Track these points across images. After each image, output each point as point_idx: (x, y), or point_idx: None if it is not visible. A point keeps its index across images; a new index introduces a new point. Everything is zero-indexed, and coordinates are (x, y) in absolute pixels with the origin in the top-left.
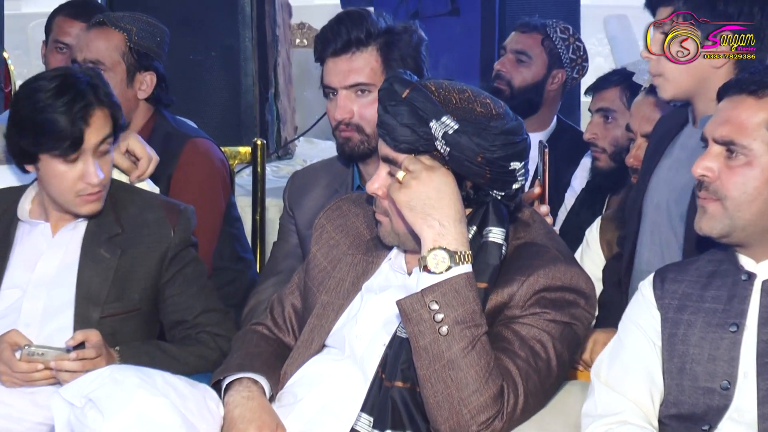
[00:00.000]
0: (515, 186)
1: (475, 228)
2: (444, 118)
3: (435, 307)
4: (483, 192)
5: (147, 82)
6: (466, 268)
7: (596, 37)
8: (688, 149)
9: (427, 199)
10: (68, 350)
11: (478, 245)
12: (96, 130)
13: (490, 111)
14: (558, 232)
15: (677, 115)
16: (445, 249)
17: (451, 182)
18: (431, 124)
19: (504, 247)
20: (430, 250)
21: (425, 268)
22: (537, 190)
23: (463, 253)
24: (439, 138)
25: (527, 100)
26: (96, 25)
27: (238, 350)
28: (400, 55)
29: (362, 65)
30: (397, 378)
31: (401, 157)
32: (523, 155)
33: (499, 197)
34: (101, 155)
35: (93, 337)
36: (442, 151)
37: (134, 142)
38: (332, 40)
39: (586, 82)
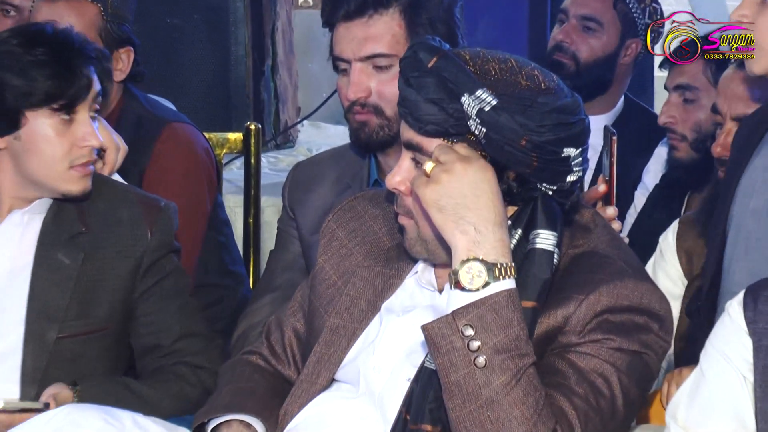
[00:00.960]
0: (570, 178)
1: (520, 232)
2: (480, 92)
3: (469, 332)
4: (529, 185)
5: (124, 59)
6: (509, 283)
7: None
8: None
9: (461, 197)
10: (46, 406)
11: (524, 253)
12: (93, 81)
13: (539, 84)
14: (626, 239)
15: None
16: (481, 260)
17: (491, 178)
18: (463, 99)
19: (556, 256)
20: (463, 261)
21: (457, 285)
22: (602, 187)
23: (505, 265)
24: (473, 116)
25: (597, 78)
26: None
27: (227, 385)
28: (428, 18)
29: (382, 31)
30: (425, 420)
31: (428, 143)
32: (580, 140)
33: (550, 192)
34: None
35: (64, 397)
36: (477, 132)
37: (99, 128)
38: (345, 1)
39: None
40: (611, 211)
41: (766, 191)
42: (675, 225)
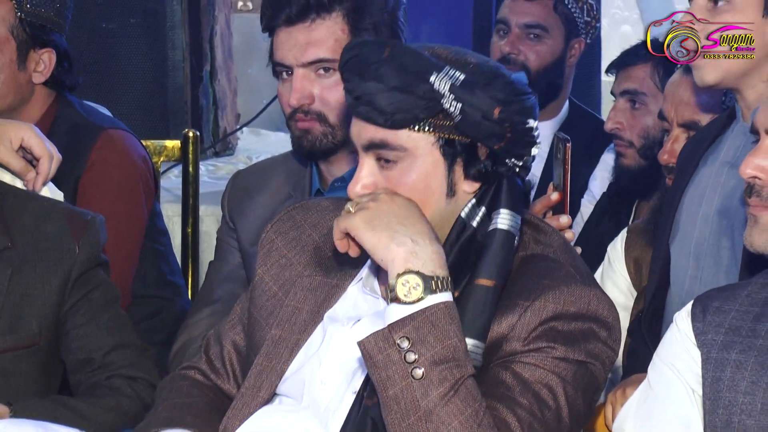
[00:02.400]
0: (534, 151)
1: (483, 210)
2: (447, 68)
3: (406, 344)
4: (500, 162)
5: (44, 61)
6: (446, 296)
7: None
8: (737, 149)
9: (393, 216)
10: None
11: (485, 232)
12: None
13: (488, 61)
14: (578, 249)
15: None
16: (418, 273)
17: (417, 206)
18: (432, 78)
19: (517, 239)
20: (399, 274)
21: (394, 298)
22: (554, 196)
23: (442, 277)
24: (446, 93)
25: (549, 84)
26: None
27: (165, 400)
28: (371, 22)
29: (324, 36)
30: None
31: (394, 136)
32: (534, 113)
33: (517, 168)
34: None
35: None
36: (452, 110)
37: (31, 136)
38: (286, 4)
39: (609, 56)
40: (564, 219)
41: (717, 199)
42: (623, 234)
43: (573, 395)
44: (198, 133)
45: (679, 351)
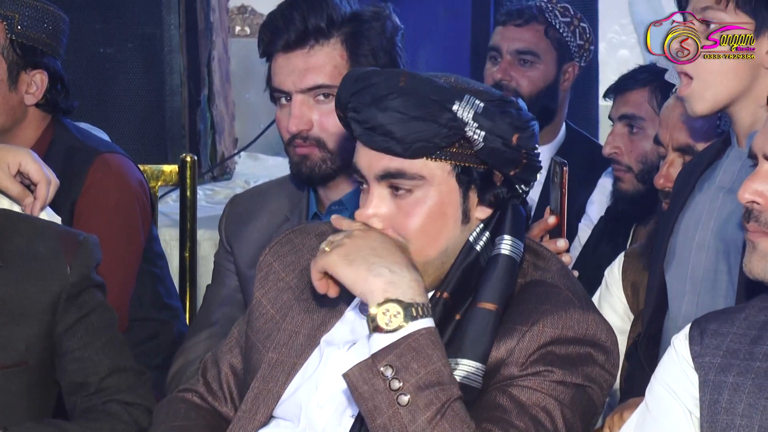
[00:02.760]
0: (538, 177)
1: (487, 235)
2: (467, 97)
3: (389, 373)
4: (512, 188)
5: (36, 83)
6: (427, 322)
7: (619, 23)
8: (733, 174)
9: (370, 249)
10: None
11: (488, 257)
12: None
13: (491, 89)
14: (576, 273)
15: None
16: (397, 301)
17: (392, 240)
18: (455, 107)
19: (518, 265)
20: (379, 304)
21: (376, 328)
22: (551, 220)
23: (421, 304)
24: (470, 120)
25: (542, 109)
26: None
27: (162, 423)
28: (370, 48)
29: (323, 62)
30: None
31: (411, 165)
32: (537, 138)
33: (524, 193)
34: None
35: None
36: (474, 137)
37: (29, 161)
38: (284, 30)
39: (607, 81)
40: (562, 243)
41: (712, 224)
42: (620, 258)
43: (571, 418)
44: (196, 158)
45: (676, 374)
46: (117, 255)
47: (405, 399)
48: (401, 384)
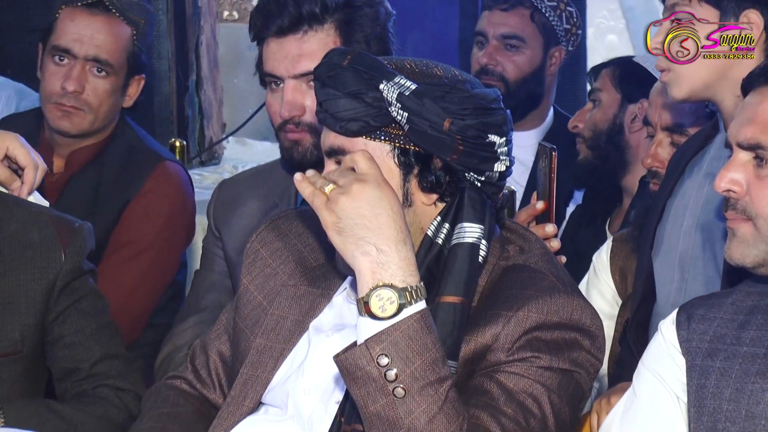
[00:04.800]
0: (498, 167)
1: (447, 226)
2: (398, 78)
3: (384, 361)
4: (457, 175)
5: (136, 87)
6: (419, 305)
7: (607, 8)
8: (720, 161)
9: (360, 217)
10: None
11: (449, 249)
12: None
13: (455, 75)
14: (563, 259)
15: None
16: (390, 286)
17: (390, 194)
18: (381, 86)
19: (483, 248)
20: (372, 289)
21: (368, 312)
22: (539, 205)
23: (414, 287)
24: (393, 101)
25: (528, 94)
26: (97, 8)
27: (150, 410)
28: (363, 34)
29: (316, 48)
30: (356, 420)
31: (351, 144)
32: (503, 129)
33: (479, 183)
34: None
35: None
36: (399, 118)
37: (16, 146)
38: (277, 15)
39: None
40: (550, 228)
41: (699, 211)
42: (608, 243)
43: (558, 404)
44: (184, 143)
45: (664, 359)
46: (153, 265)
47: (400, 391)
48: (396, 373)
